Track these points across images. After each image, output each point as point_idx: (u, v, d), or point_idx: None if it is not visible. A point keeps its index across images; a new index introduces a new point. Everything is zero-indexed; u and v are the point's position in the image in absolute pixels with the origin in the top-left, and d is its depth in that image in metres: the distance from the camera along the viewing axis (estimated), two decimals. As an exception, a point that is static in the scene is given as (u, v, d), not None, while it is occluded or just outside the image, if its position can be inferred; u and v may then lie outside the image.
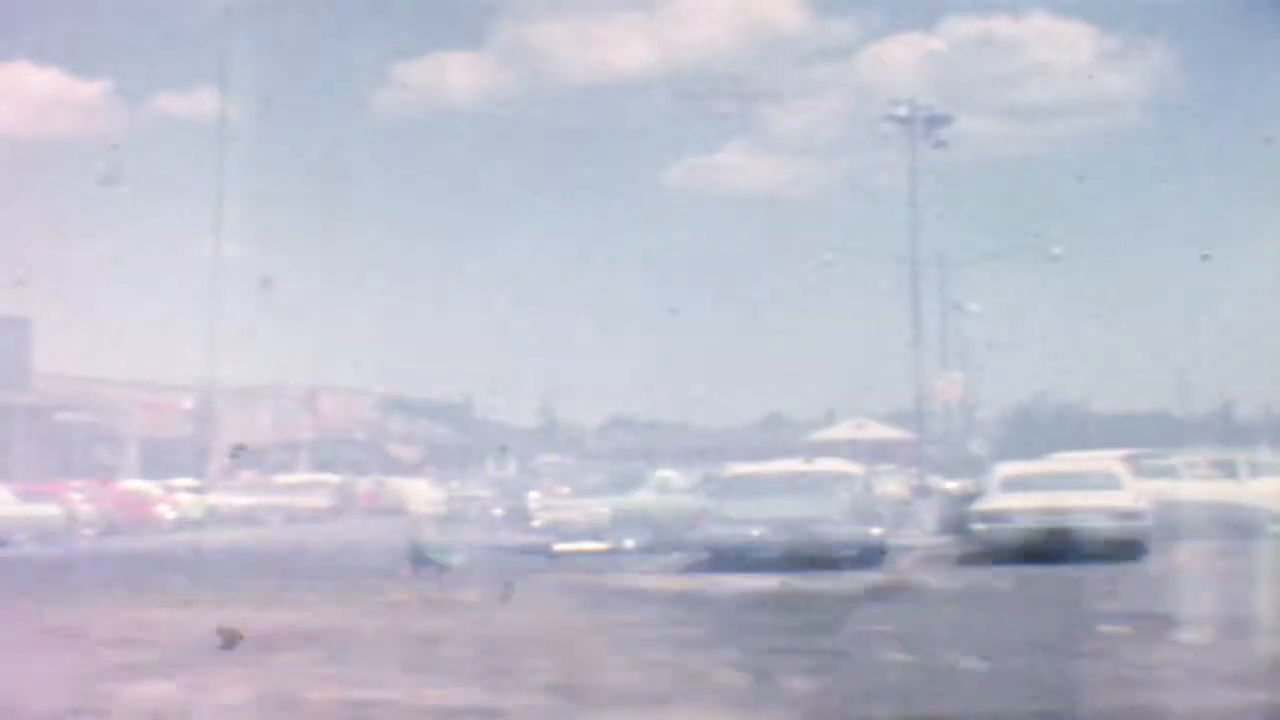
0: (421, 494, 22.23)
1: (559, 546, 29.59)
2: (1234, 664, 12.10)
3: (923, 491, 34.83)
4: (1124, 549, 23.24)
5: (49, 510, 34.94)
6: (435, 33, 65.93)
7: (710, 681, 12.04)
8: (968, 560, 24.99)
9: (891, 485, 33.39)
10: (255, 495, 44.51)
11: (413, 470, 32.31)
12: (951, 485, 33.59)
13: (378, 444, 59.73)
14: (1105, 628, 14.82)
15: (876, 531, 25.57)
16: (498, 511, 32.97)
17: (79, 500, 36.99)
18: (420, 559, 21.04)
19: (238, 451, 47.04)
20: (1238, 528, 26.17)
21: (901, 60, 59.64)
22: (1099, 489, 25.03)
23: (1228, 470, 29.53)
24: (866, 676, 12.41)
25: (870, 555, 24.51)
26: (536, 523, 31.69)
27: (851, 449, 37.79)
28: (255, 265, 59.93)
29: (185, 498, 41.54)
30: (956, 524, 28.02)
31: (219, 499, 43.11)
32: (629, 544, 29.67)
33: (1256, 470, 29.17)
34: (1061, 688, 11.62)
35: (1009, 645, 14.04)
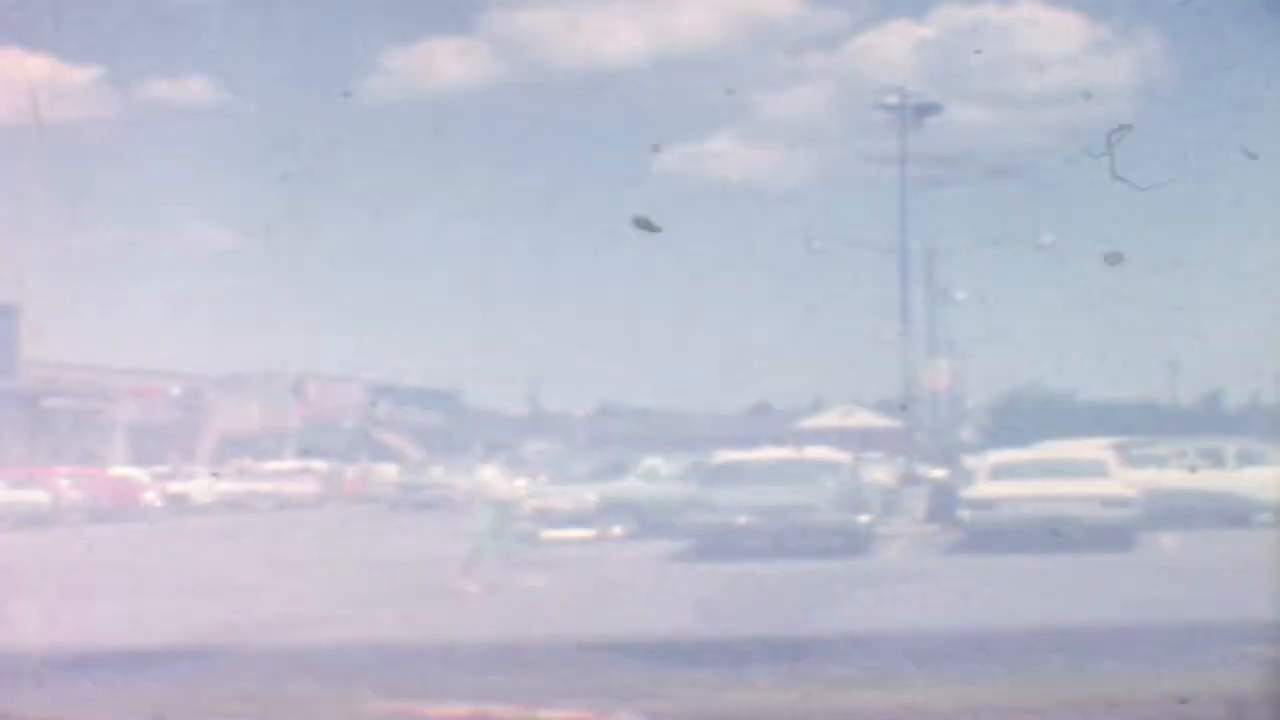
0: (500, 482, 21.59)
1: (546, 534, 29.57)
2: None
3: (910, 479, 34.79)
4: (1112, 537, 23.25)
5: (36, 496, 34.86)
6: (425, 19, 65.74)
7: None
8: (955, 548, 25.01)
9: (879, 473, 33.36)
10: (243, 482, 44.46)
11: (479, 455, 31.84)
12: (939, 473, 33.57)
13: (365, 431, 59.64)
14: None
15: (864, 519, 25.59)
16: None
17: (66, 486, 36.90)
18: (508, 550, 20.73)
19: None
20: (1225, 516, 26.24)
21: (892, 48, 59.46)
22: (1088, 477, 25.04)
23: (1216, 459, 29.56)
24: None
25: (857, 542, 24.53)
26: (523, 510, 31.60)
27: (839, 437, 37.63)
28: (243, 252, 59.98)
29: (175, 484, 41.55)
30: (945, 512, 28.04)
31: (206, 485, 43.07)
32: (616, 531, 29.68)
33: (1244, 459, 29.21)
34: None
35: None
